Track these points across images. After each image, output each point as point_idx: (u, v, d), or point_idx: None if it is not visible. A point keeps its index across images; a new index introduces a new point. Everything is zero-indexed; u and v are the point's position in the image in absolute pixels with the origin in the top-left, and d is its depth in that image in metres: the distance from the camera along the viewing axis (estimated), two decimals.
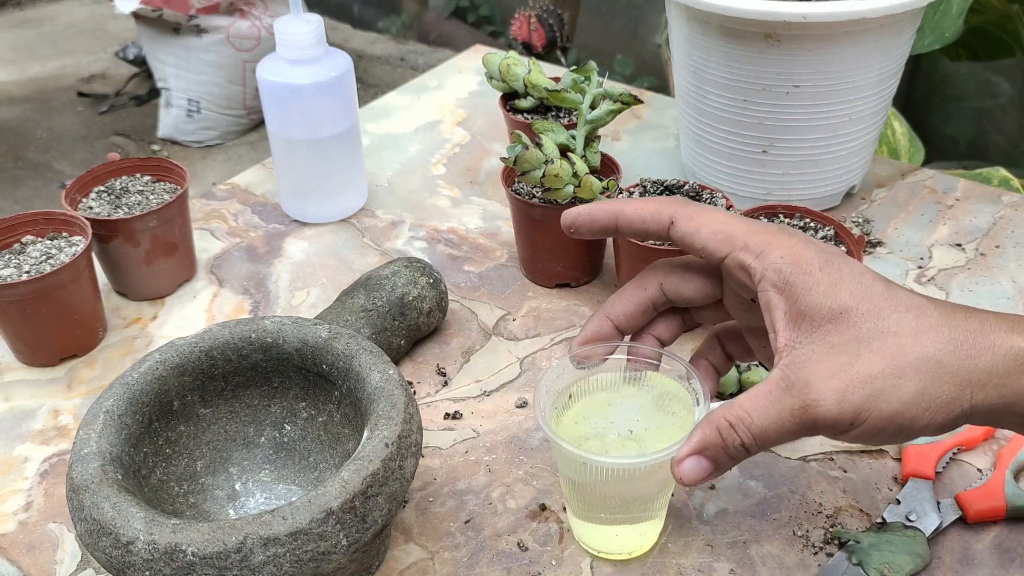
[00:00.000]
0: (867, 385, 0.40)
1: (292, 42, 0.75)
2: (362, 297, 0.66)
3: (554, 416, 0.50)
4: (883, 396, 0.40)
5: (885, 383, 0.40)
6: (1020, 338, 0.41)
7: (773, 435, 0.42)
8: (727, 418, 0.42)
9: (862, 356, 0.40)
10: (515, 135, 0.67)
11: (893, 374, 0.40)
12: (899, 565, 0.52)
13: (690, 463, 0.43)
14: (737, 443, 0.42)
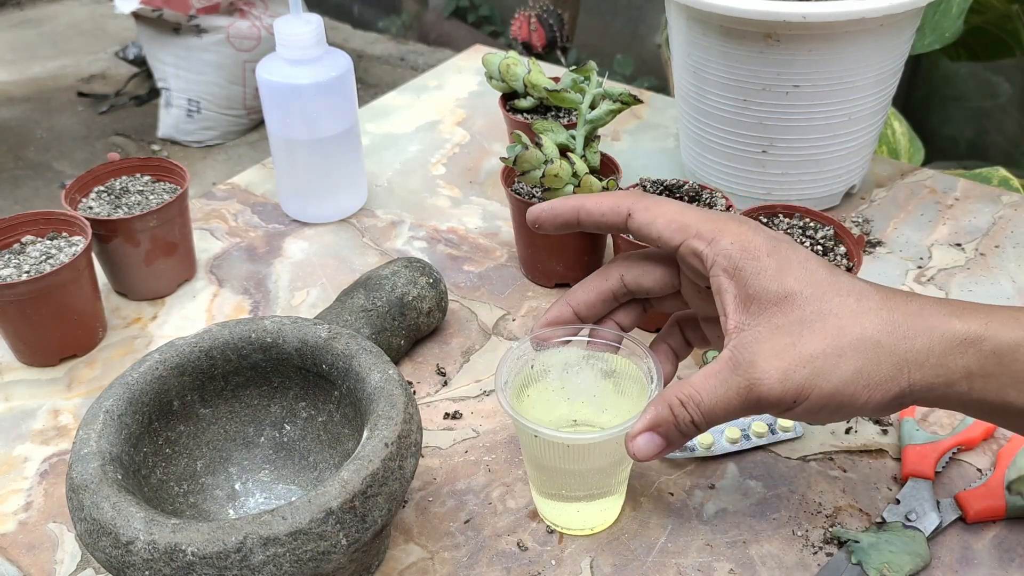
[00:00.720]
0: (808, 364, 0.42)
1: (292, 42, 0.75)
2: (362, 297, 0.66)
3: (515, 396, 0.52)
4: (823, 375, 0.42)
5: (825, 362, 0.42)
6: (958, 320, 0.43)
7: (721, 412, 0.44)
8: (678, 396, 0.45)
9: (804, 337, 0.43)
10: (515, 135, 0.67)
11: (833, 353, 0.42)
12: (899, 565, 0.52)
13: (643, 439, 0.46)
14: (687, 420, 0.45)
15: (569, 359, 0.54)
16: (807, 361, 0.42)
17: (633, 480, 0.58)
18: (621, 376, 0.53)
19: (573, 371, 0.54)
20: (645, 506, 0.57)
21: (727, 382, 0.44)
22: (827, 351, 0.42)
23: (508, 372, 0.52)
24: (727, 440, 0.60)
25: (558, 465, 0.51)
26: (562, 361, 0.54)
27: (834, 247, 0.65)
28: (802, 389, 0.42)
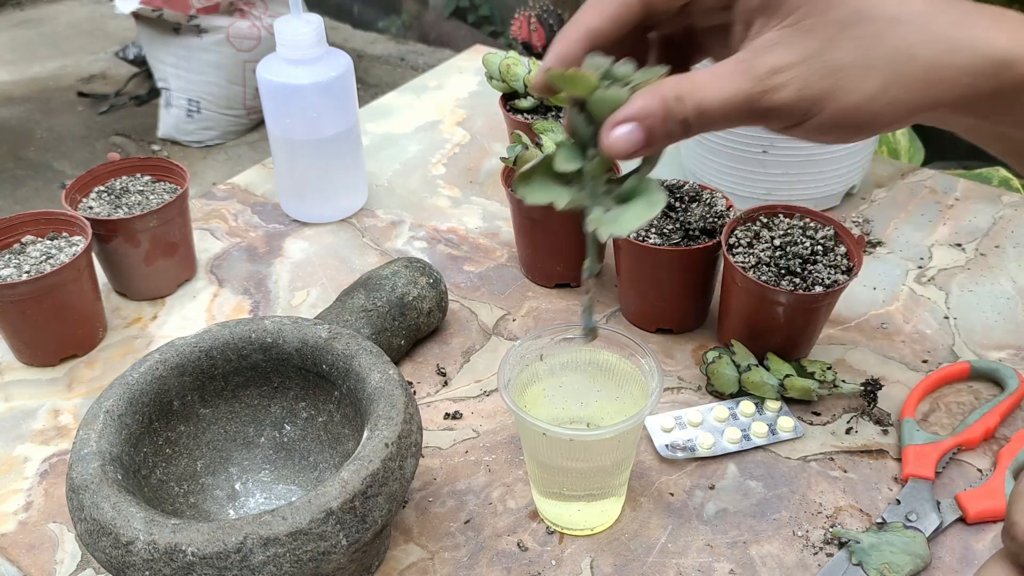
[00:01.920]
0: (832, 75, 0.38)
1: (292, 42, 0.75)
2: (362, 297, 0.66)
3: (517, 395, 0.52)
4: (847, 88, 0.38)
5: (853, 74, 0.38)
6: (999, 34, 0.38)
7: (720, 116, 0.38)
8: (677, 89, 0.38)
9: (835, 42, 0.38)
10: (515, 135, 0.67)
11: (863, 65, 0.37)
12: (899, 565, 0.52)
13: (622, 129, 0.39)
14: (679, 117, 0.38)
15: (570, 359, 0.54)
16: (832, 72, 0.37)
17: (633, 480, 0.58)
18: (621, 376, 0.53)
19: (573, 371, 0.54)
20: (645, 506, 0.57)
21: (736, 84, 0.38)
22: (856, 62, 0.37)
23: (511, 371, 0.52)
24: (727, 440, 0.60)
25: (561, 463, 0.51)
26: (563, 361, 0.54)
27: (834, 247, 0.65)
28: (818, 100, 0.38)
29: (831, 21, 0.37)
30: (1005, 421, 0.61)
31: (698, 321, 0.70)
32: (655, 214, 0.40)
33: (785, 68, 0.37)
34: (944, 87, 0.38)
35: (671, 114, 0.38)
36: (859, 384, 0.62)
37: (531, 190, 0.40)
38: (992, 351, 0.68)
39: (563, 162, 0.39)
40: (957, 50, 0.37)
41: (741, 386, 0.63)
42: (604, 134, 0.39)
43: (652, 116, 0.38)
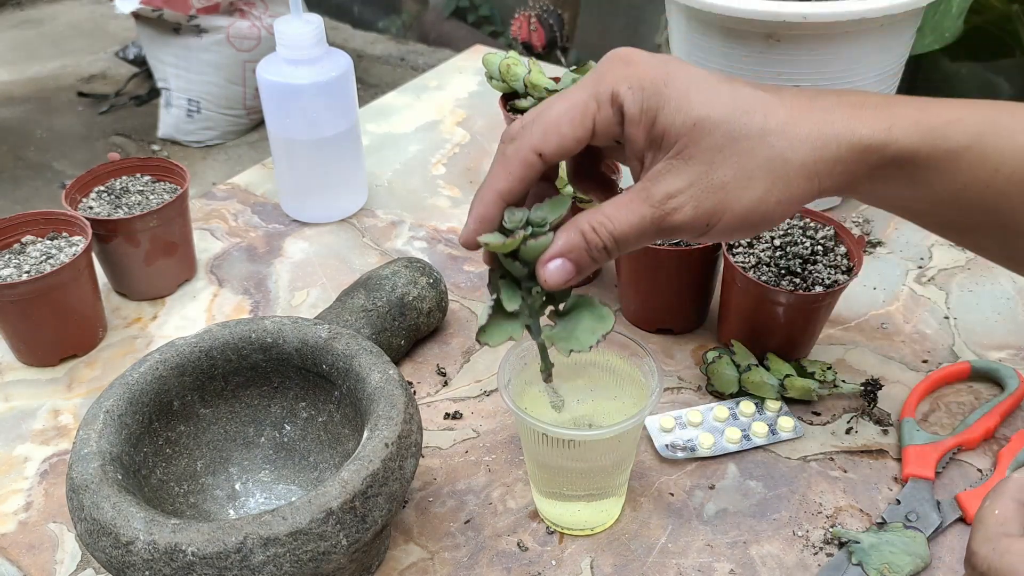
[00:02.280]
0: (719, 192, 0.43)
1: (292, 42, 0.75)
2: (362, 297, 0.66)
3: (517, 395, 0.52)
4: (735, 199, 0.43)
5: (736, 186, 0.43)
6: (862, 127, 0.43)
7: (633, 240, 0.44)
8: (590, 223, 0.44)
9: (716, 164, 0.43)
10: None
11: (744, 177, 0.43)
12: (899, 565, 0.52)
13: (554, 264, 0.44)
14: (599, 246, 0.44)
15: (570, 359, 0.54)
16: (718, 187, 0.43)
17: (633, 480, 0.58)
18: (621, 376, 0.53)
19: (574, 371, 0.54)
20: (645, 506, 0.57)
21: (640, 212, 0.43)
22: (737, 176, 0.43)
23: (511, 371, 0.52)
24: (727, 440, 0.60)
25: (561, 463, 0.51)
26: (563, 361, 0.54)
27: (834, 247, 0.65)
28: (713, 213, 0.43)
29: (707, 148, 0.43)
30: (1005, 421, 0.61)
31: (698, 321, 0.70)
32: (608, 328, 0.46)
33: (677, 193, 0.43)
34: (823, 178, 0.43)
35: (592, 244, 0.44)
36: (859, 384, 0.62)
37: (491, 335, 0.46)
38: (992, 351, 0.68)
39: (509, 303, 0.45)
40: (824, 146, 0.43)
41: (741, 386, 0.63)
42: (539, 271, 0.44)
43: (576, 249, 0.44)
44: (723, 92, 0.43)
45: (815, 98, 0.44)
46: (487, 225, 0.46)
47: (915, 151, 0.43)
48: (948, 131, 0.43)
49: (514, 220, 0.45)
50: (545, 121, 0.45)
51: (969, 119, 0.43)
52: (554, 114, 0.45)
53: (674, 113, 0.43)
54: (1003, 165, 0.43)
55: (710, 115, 0.43)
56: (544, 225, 0.45)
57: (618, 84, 0.44)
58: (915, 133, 0.43)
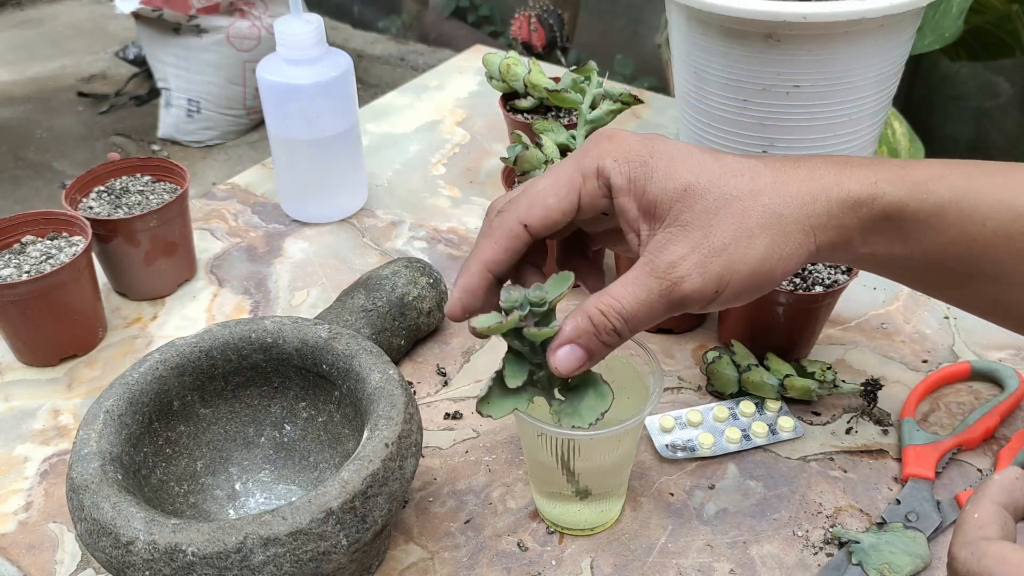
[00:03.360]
0: (722, 253, 0.43)
1: (292, 42, 0.75)
2: (362, 297, 0.66)
3: None
4: (739, 259, 0.43)
5: (738, 247, 0.43)
6: (849, 182, 0.44)
7: (644, 317, 0.44)
8: (598, 307, 0.44)
9: (713, 226, 0.43)
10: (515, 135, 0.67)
11: (744, 236, 0.43)
12: (899, 565, 0.52)
13: (564, 351, 0.44)
14: (609, 328, 0.44)
15: None
16: (720, 250, 0.43)
17: (633, 480, 0.58)
18: (621, 376, 0.53)
19: None
20: (645, 506, 0.57)
21: (647, 287, 0.43)
22: (738, 235, 0.43)
23: None
24: (727, 440, 0.60)
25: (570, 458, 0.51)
26: None
27: None
28: (720, 278, 0.43)
29: (701, 211, 0.43)
30: (1005, 421, 0.61)
31: (698, 321, 0.70)
32: (607, 407, 0.46)
33: (681, 260, 0.43)
34: (818, 232, 0.44)
35: (601, 328, 0.44)
36: (859, 384, 0.62)
37: (493, 407, 0.46)
38: (992, 351, 0.68)
39: (513, 380, 0.45)
40: (814, 200, 0.44)
41: (741, 386, 0.63)
42: (550, 358, 0.44)
43: (586, 334, 0.44)
44: (707, 160, 0.44)
45: (799, 160, 0.45)
46: (471, 296, 0.46)
47: (902, 205, 0.44)
48: (932, 186, 0.44)
49: (511, 300, 0.44)
50: (531, 194, 0.45)
51: (951, 175, 0.44)
52: (540, 187, 0.45)
53: (663, 181, 0.43)
54: (989, 219, 0.44)
55: (698, 180, 0.43)
56: (543, 305, 0.44)
57: (603, 158, 0.44)
58: (901, 187, 0.44)
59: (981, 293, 0.47)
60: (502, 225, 0.46)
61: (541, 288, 0.45)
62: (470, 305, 0.46)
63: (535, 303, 0.44)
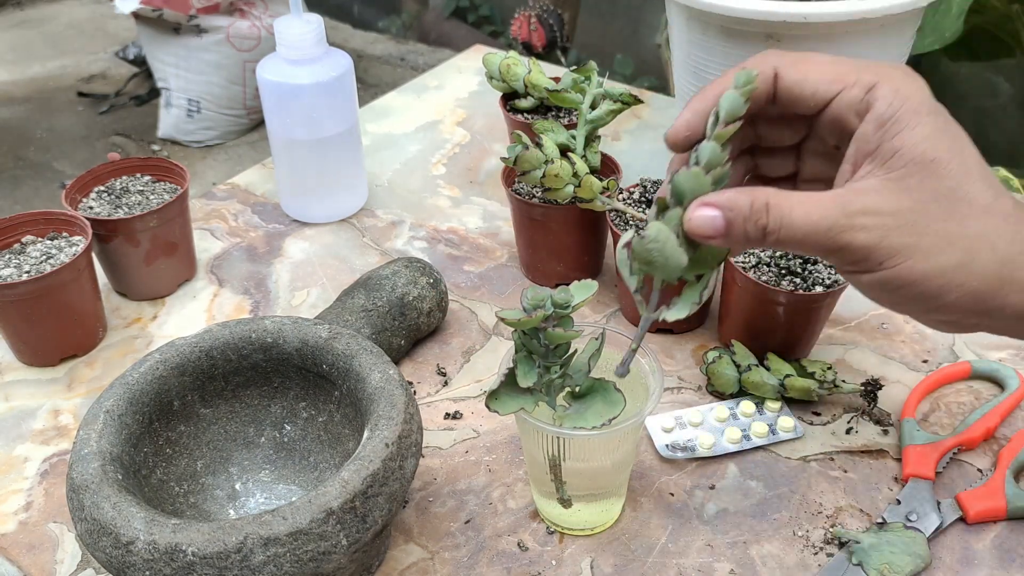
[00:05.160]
0: (917, 234, 0.39)
1: (292, 42, 0.75)
2: (362, 297, 0.66)
3: None
4: (925, 252, 0.39)
5: (934, 242, 0.39)
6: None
7: (800, 234, 0.40)
8: (768, 199, 0.40)
9: (927, 209, 0.40)
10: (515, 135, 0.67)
11: (946, 238, 0.39)
12: (899, 565, 0.52)
13: (706, 211, 0.41)
14: (762, 224, 0.40)
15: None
16: (917, 232, 0.39)
17: (633, 480, 0.58)
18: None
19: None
20: (645, 506, 0.57)
21: (827, 214, 0.40)
22: (940, 232, 0.39)
23: None
24: (727, 440, 0.60)
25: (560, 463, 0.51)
26: None
27: None
28: (894, 254, 0.39)
29: (929, 188, 0.39)
30: (1005, 421, 0.61)
31: (698, 321, 0.70)
32: (616, 413, 0.47)
33: (875, 213, 0.39)
34: (1015, 288, 0.40)
35: (755, 215, 0.40)
36: (859, 384, 0.62)
37: (500, 404, 0.47)
38: (992, 351, 0.68)
39: (525, 380, 0.46)
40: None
41: (741, 386, 0.63)
42: (690, 210, 0.41)
43: (737, 210, 0.40)
44: (974, 153, 0.41)
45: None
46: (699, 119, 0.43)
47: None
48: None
49: (536, 299, 0.45)
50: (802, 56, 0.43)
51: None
52: (814, 60, 0.43)
53: (920, 139, 0.40)
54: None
55: (951, 162, 0.40)
56: (567, 307, 0.44)
57: (887, 82, 0.41)
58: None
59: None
60: (757, 62, 0.43)
61: (566, 290, 0.45)
62: (696, 127, 0.44)
63: (559, 304, 0.44)
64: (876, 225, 0.39)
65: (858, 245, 0.40)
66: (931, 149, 0.40)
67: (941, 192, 0.40)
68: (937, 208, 0.40)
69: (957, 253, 0.39)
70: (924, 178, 0.40)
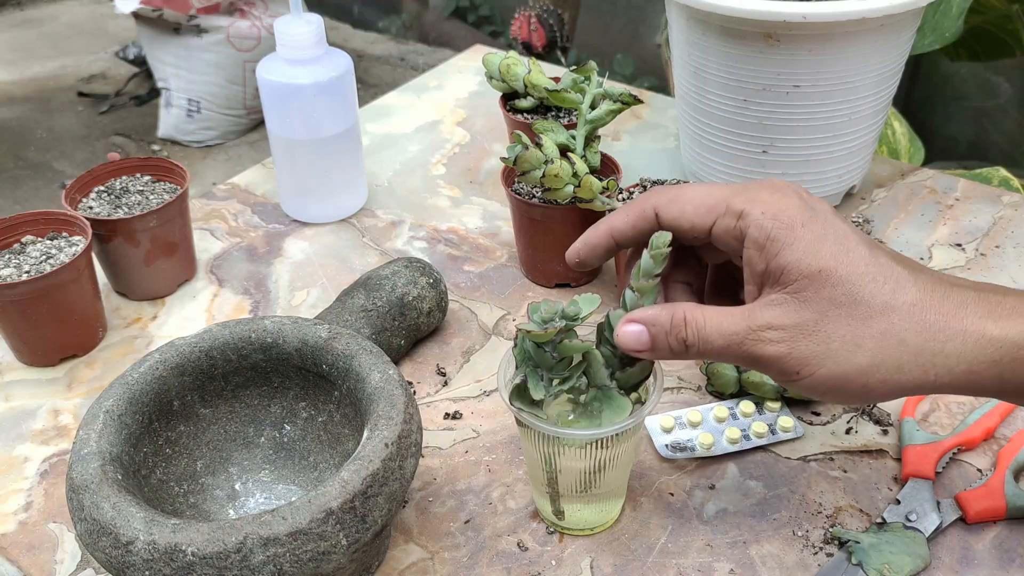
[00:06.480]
0: (823, 343, 0.42)
1: (292, 42, 0.75)
2: (362, 297, 0.66)
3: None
4: (835, 357, 0.42)
5: (842, 346, 0.41)
6: (993, 324, 0.41)
7: (715, 347, 0.43)
8: (686, 312, 0.44)
9: (829, 316, 0.42)
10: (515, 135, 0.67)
11: (852, 340, 0.41)
12: (899, 565, 0.52)
13: (633, 328, 0.45)
14: (682, 337, 0.44)
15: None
16: (821, 339, 0.42)
17: (633, 480, 0.58)
18: None
19: None
20: (645, 506, 0.57)
21: (735, 325, 0.43)
22: (846, 336, 0.41)
23: (511, 371, 0.51)
24: (727, 440, 0.60)
25: (561, 463, 0.51)
26: None
27: None
28: (807, 363, 0.42)
29: (825, 298, 0.42)
30: (1005, 421, 0.61)
31: None
32: (624, 416, 0.48)
33: (778, 327, 0.42)
34: (940, 370, 0.41)
35: (675, 330, 0.44)
36: None
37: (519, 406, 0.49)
38: None
39: (537, 393, 0.48)
40: (947, 339, 0.41)
41: (741, 386, 0.63)
42: (618, 327, 0.46)
43: (659, 326, 0.45)
44: (860, 252, 0.42)
45: (949, 286, 0.43)
46: (590, 250, 0.49)
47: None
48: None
49: (549, 312, 0.47)
50: (678, 193, 0.47)
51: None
52: (688, 194, 0.46)
53: (801, 254, 0.42)
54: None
55: (838, 269, 0.42)
56: (577, 319, 0.47)
57: (754, 205, 0.44)
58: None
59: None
60: (639, 204, 0.48)
61: (575, 304, 0.47)
62: (586, 257, 0.50)
63: (569, 317, 0.46)
64: (780, 338, 0.42)
65: (769, 356, 0.42)
66: (814, 261, 0.42)
67: (837, 299, 0.42)
68: (837, 314, 0.42)
69: (867, 354, 0.41)
70: (818, 289, 0.42)
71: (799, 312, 0.42)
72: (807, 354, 0.42)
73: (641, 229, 0.48)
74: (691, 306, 0.44)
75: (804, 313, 0.42)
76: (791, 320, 0.42)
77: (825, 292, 0.42)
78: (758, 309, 0.43)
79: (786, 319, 0.42)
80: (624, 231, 0.48)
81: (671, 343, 0.44)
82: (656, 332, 0.45)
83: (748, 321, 0.43)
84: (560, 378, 0.48)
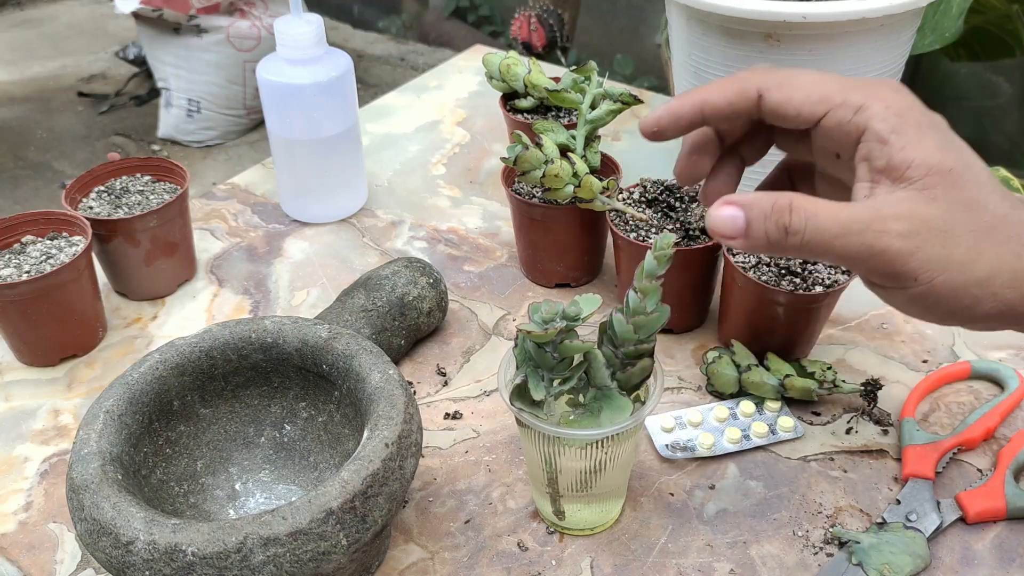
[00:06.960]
0: (950, 247, 0.38)
1: (292, 42, 0.75)
2: (362, 297, 0.66)
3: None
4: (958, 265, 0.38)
5: (966, 253, 0.38)
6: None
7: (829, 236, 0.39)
8: (792, 198, 0.39)
9: (958, 219, 0.38)
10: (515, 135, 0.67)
11: (975, 248, 0.38)
12: (899, 565, 0.52)
13: (727, 210, 0.40)
14: (785, 222, 0.39)
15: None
16: (950, 243, 0.38)
17: (633, 480, 0.58)
18: None
19: None
20: (645, 506, 0.57)
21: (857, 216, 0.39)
22: (971, 243, 0.38)
23: (511, 371, 0.52)
24: (727, 440, 0.60)
25: (561, 463, 0.51)
26: None
27: None
28: (929, 267, 0.38)
29: (955, 199, 0.39)
30: (1005, 421, 0.61)
31: (698, 321, 0.70)
32: (625, 416, 0.48)
33: (908, 217, 0.38)
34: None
35: (777, 214, 0.39)
36: (859, 384, 0.62)
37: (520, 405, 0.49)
38: (992, 351, 0.68)
39: (538, 393, 0.48)
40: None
41: (741, 386, 0.63)
42: (711, 210, 0.40)
43: (759, 209, 0.40)
44: (981, 165, 0.40)
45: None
46: (672, 119, 0.44)
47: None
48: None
49: (550, 312, 0.46)
50: (788, 77, 0.42)
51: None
52: (799, 79, 0.42)
53: (929, 151, 0.39)
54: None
55: (964, 173, 0.39)
56: (577, 319, 0.46)
57: (876, 101, 0.40)
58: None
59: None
60: (739, 80, 0.43)
61: (576, 304, 0.47)
62: (667, 127, 0.44)
63: (570, 317, 0.46)
64: (908, 232, 0.38)
65: (894, 251, 0.38)
66: (944, 159, 0.39)
67: (965, 202, 0.39)
68: (965, 218, 0.39)
69: (987, 264, 0.39)
70: (948, 188, 0.39)
71: (929, 208, 0.38)
72: (932, 256, 0.38)
73: (737, 108, 0.43)
74: (799, 195, 0.40)
75: (934, 210, 0.38)
76: (921, 215, 0.38)
77: (954, 193, 0.39)
78: (882, 199, 0.39)
79: (916, 212, 0.38)
80: (718, 106, 0.43)
81: (768, 229, 0.39)
82: (754, 216, 0.40)
83: (876, 210, 0.39)
84: (561, 378, 0.48)
